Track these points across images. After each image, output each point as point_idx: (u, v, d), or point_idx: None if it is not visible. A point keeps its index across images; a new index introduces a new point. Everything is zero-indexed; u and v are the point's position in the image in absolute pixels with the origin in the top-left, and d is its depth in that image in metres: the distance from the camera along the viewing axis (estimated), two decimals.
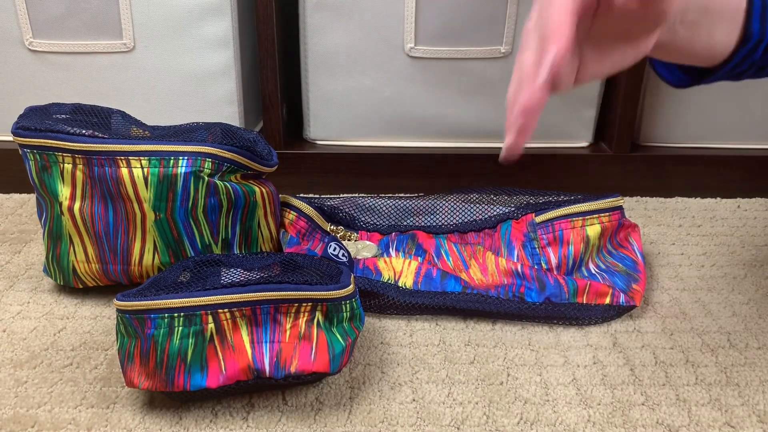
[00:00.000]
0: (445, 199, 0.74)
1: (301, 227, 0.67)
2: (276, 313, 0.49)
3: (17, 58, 0.81)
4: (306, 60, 0.83)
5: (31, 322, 0.59)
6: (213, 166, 0.57)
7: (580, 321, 0.61)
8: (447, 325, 0.60)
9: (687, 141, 0.88)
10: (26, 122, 0.57)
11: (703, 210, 0.84)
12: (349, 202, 0.73)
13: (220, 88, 0.82)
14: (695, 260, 0.72)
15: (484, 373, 0.54)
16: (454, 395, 0.52)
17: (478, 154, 0.86)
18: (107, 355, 0.55)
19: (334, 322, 0.50)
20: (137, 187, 0.56)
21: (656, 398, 0.52)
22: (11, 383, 0.52)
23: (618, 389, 0.53)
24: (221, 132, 0.60)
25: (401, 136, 0.87)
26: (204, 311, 0.47)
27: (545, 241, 0.65)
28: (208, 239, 0.59)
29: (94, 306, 0.62)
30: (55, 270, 0.62)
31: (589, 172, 0.87)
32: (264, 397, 0.51)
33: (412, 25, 0.80)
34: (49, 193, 0.58)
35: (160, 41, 0.79)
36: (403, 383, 0.53)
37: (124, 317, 0.47)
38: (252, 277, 0.52)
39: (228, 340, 0.48)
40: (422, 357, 0.56)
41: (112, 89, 0.82)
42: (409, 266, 0.63)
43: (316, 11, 0.80)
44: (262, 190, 0.61)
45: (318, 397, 0.51)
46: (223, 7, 0.78)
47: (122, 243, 0.59)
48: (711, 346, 0.58)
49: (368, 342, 0.58)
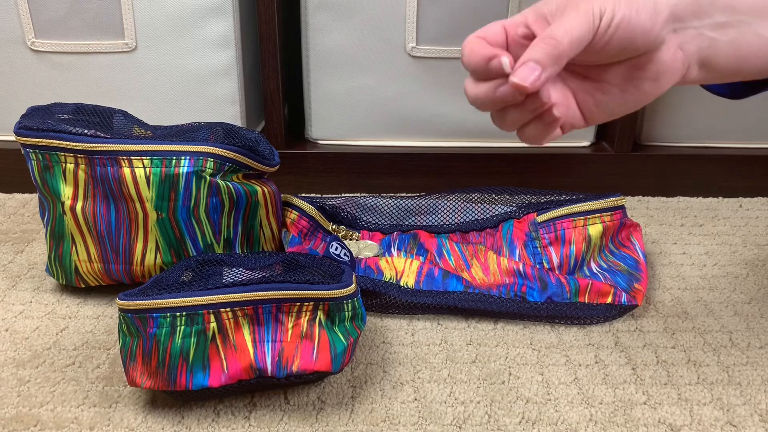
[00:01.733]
0: (447, 198, 0.74)
1: (303, 227, 0.67)
2: (278, 313, 0.49)
3: (20, 58, 0.81)
4: (308, 59, 0.83)
5: (34, 322, 0.60)
6: (215, 165, 0.57)
7: (581, 320, 0.61)
8: (449, 324, 0.60)
9: (689, 140, 0.88)
10: (28, 122, 0.57)
11: (705, 209, 0.84)
12: (351, 202, 0.73)
13: (222, 88, 0.82)
14: (697, 260, 0.72)
15: (485, 373, 0.54)
16: (456, 394, 0.52)
17: (480, 153, 0.86)
18: (109, 355, 0.55)
19: (336, 321, 0.50)
20: (139, 187, 0.56)
21: (658, 397, 0.52)
22: (14, 382, 0.52)
23: (620, 388, 0.53)
24: (223, 132, 0.60)
25: (403, 136, 0.87)
26: (206, 310, 0.47)
27: (547, 241, 0.65)
28: (210, 239, 0.59)
29: (96, 305, 0.62)
30: (58, 269, 0.62)
31: (590, 171, 0.87)
32: (266, 397, 0.51)
33: (414, 25, 0.80)
34: (51, 192, 0.58)
35: (162, 41, 0.80)
36: (404, 382, 0.53)
37: (126, 316, 0.48)
38: (254, 276, 0.52)
39: (230, 340, 0.48)
40: (424, 356, 0.56)
41: (114, 89, 0.82)
42: (410, 266, 0.63)
43: (317, 11, 0.80)
44: (264, 190, 0.61)
45: (320, 396, 0.51)
46: (224, 6, 0.78)
47: (124, 242, 0.59)
48: (713, 346, 0.58)
49: (370, 341, 0.58)
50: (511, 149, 0.87)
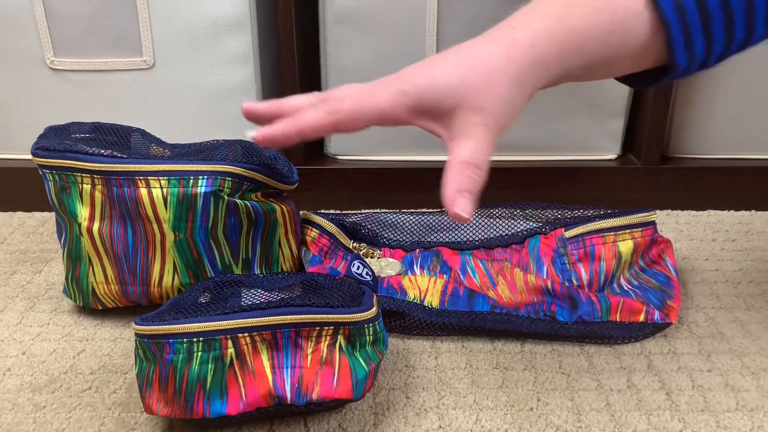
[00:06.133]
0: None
1: (324, 245, 0.66)
2: (297, 337, 0.47)
3: (39, 76, 0.81)
4: (326, 74, 0.82)
5: (51, 344, 0.59)
6: (233, 185, 0.56)
7: (613, 340, 0.58)
8: (473, 346, 0.58)
9: (719, 152, 0.85)
10: (45, 142, 0.57)
11: (738, 223, 0.81)
12: (371, 219, 0.72)
13: (241, 105, 0.81)
14: (731, 276, 0.69)
15: (513, 398, 0.52)
16: (482, 422, 0.50)
17: (502, 167, 0.84)
18: (126, 379, 0.54)
19: (356, 346, 0.48)
20: (156, 208, 0.55)
21: (695, 425, 0.49)
22: (30, 408, 0.51)
23: (654, 415, 0.50)
24: (241, 149, 0.59)
25: (424, 150, 0.86)
26: (223, 336, 0.46)
27: (576, 257, 0.63)
28: (229, 260, 0.58)
29: (114, 327, 0.61)
30: (75, 291, 0.61)
31: (617, 185, 0.84)
32: (285, 424, 0.50)
33: (434, 38, 0.79)
34: (68, 213, 0.57)
35: (180, 58, 0.79)
36: (428, 409, 0.51)
37: (142, 341, 0.46)
38: (272, 298, 0.50)
39: (248, 366, 0.47)
40: (448, 381, 0.54)
41: (133, 106, 0.82)
42: (434, 285, 0.61)
43: (336, 25, 0.79)
44: (282, 208, 0.60)
45: (341, 424, 0.50)
46: (242, 23, 0.77)
47: (141, 264, 0.58)
48: (751, 369, 0.55)
49: (392, 365, 0.56)
50: (534, 163, 0.85)
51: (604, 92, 0.82)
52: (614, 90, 0.82)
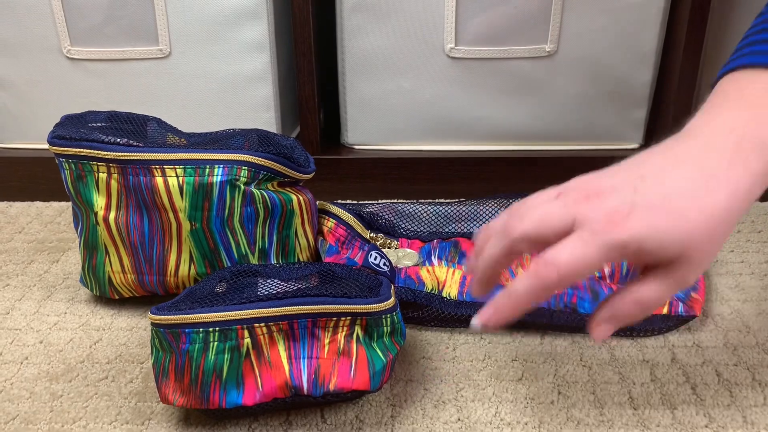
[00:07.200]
0: (487, 204, 0.71)
1: (340, 235, 0.65)
2: (314, 328, 0.47)
3: (56, 66, 0.81)
4: (343, 63, 0.81)
5: (68, 333, 0.59)
6: (249, 174, 0.55)
7: (635, 332, 0.57)
8: (492, 338, 0.57)
9: None
10: (61, 131, 0.57)
11: (764, 214, 0.79)
12: (388, 209, 0.71)
13: (257, 94, 0.81)
14: (757, 268, 0.67)
15: (533, 391, 0.51)
16: (502, 415, 0.49)
17: (522, 157, 0.83)
18: (143, 369, 0.54)
19: (374, 336, 0.47)
20: (172, 197, 0.55)
21: (721, 420, 0.48)
22: (47, 397, 0.51)
23: (679, 410, 0.49)
24: (258, 138, 0.58)
25: (441, 140, 0.85)
26: (240, 326, 0.45)
27: None
28: (245, 249, 0.57)
29: (130, 317, 0.61)
30: (92, 280, 0.61)
31: None
32: (302, 415, 0.49)
33: (453, 25, 0.77)
34: (84, 202, 0.57)
35: (196, 46, 0.78)
36: (447, 401, 0.50)
37: (158, 331, 0.46)
38: (289, 288, 0.50)
39: (265, 356, 0.46)
40: (467, 373, 0.53)
41: (149, 95, 0.81)
42: (453, 276, 0.60)
43: (353, 13, 0.78)
44: (299, 198, 0.59)
45: (358, 415, 0.49)
46: (259, 11, 0.77)
47: (158, 253, 0.57)
48: None
49: (409, 356, 0.55)
50: (554, 152, 0.83)
51: (627, 80, 0.80)
52: (638, 78, 0.80)
